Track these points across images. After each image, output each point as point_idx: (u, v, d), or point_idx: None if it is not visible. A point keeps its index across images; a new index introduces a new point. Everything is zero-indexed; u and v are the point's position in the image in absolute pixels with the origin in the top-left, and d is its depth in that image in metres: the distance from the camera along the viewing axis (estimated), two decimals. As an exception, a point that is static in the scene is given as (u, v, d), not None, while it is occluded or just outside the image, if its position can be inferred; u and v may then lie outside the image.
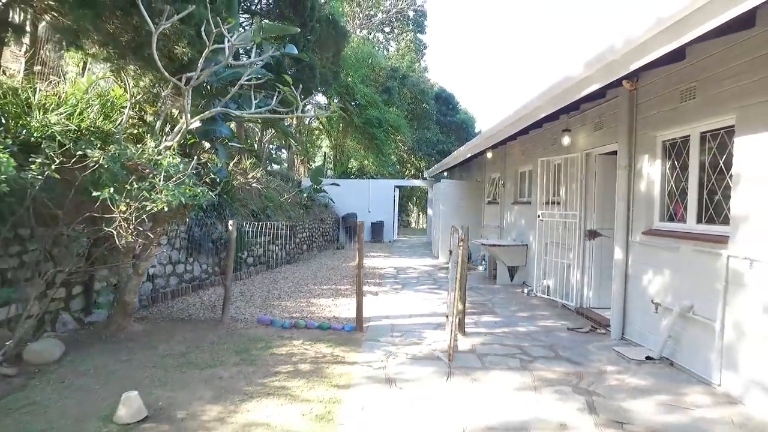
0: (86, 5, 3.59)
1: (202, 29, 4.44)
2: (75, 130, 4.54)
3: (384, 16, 23.00)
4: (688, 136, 4.28)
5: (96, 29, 3.82)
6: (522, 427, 3.00)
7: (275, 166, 18.50)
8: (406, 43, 24.25)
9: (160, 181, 4.13)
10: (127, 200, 3.84)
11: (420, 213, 34.43)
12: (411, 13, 23.61)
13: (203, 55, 4.48)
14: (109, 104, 5.54)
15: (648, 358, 4.34)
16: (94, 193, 3.73)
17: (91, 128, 4.93)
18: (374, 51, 20.37)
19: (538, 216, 7.05)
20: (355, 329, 5.22)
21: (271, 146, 19.93)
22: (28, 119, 4.68)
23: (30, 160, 3.68)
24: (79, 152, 3.93)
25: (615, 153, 5.41)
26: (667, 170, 4.65)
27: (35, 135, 4.21)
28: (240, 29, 7.43)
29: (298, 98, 4.72)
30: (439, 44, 51.68)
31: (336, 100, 18.36)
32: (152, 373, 3.83)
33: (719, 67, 3.73)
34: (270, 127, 11.57)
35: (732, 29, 3.12)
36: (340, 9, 18.24)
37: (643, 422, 3.08)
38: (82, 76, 7.77)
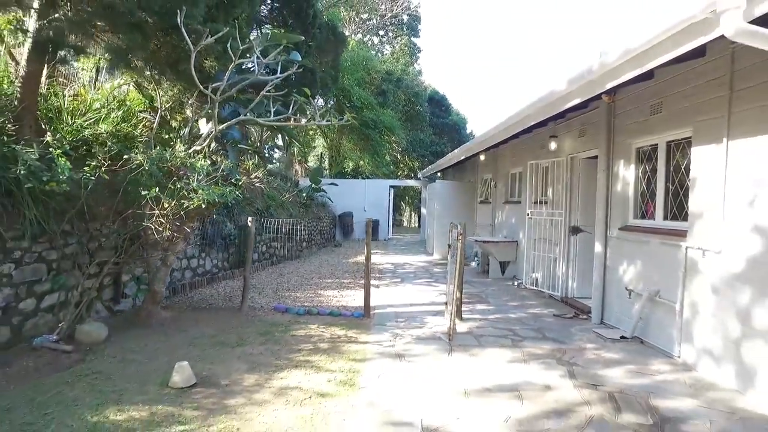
0: (137, 29, 4.11)
1: (228, 45, 4.98)
2: (106, 133, 5.08)
3: (379, 20, 23.59)
4: (657, 144, 4.93)
5: (142, 48, 4.35)
6: (514, 388, 3.61)
7: (270, 166, 18.94)
8: (400, 46, 24.89)
9: (194, 181, 4.67)
10: (169, 198, 4.36)
11: (412, 212, 35.06)
12: (405, 17, 24.25)
13: (229, 68, 5.03)
14: (127, 110, 6.07)
15: (622, 337, 4.98)
16: (143, 192, 4.24)
17: (117, 132, 5.47)
18: (370, 55, 20.96)
19: (528, 214, 7.68)
20: (363, 315, 5.79)
21: (265, 147, 20.36)
22: (61, 124, 5.20)
23: (87, 162, 4.19)
24: (125, 155, 4.44)
25: (596, 157, 6.05)
26: (640, 174, 5.30)
27: (69, 138, 4.73)
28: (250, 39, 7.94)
29: (315, 108, 5.28)
30: (431, 46, 52.43)
31: (332, 102, 18.91)
32: (190, 351, 4.37)
33: (680, 87, 4.37)
34: (278, 131, 12.07)
35: (688, 57, 3.74)
36: (339, 14, 18.76)
37: (613, 384, 3.70)
38: (95, 81, 8.26)
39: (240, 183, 5.69)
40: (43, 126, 5.35)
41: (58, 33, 3.81)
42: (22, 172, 3.97)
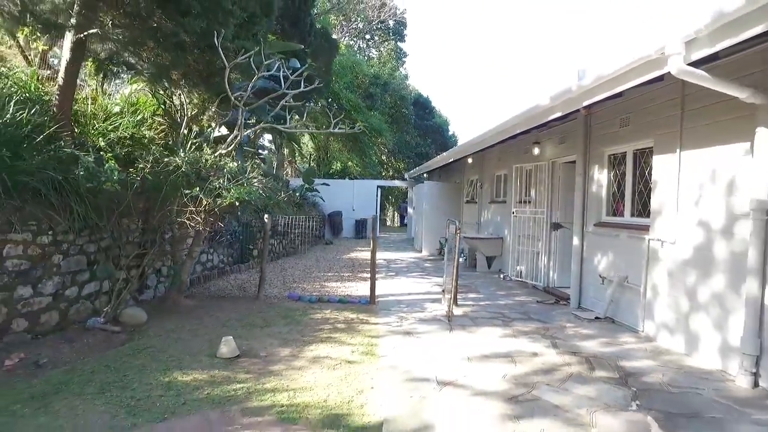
0: (180, 47, 4.69)
1: (251, 60, 5.59)
2: (129, 137, 5.65)
3: (367, 25, 24.26)
4: (626, 152, 5.75)
5: (183, 64, 4.92)
6: (507, 355, 4.34)
7: (264, 166, 19.43)
8: (387, 51, 25.64)
9: (224, 181, 5.27)
10: (206, 196, 4.95)
11: (395, 212, 35.80)
12: (392, 23, 25.00)
13: (253, 80, 5.65)
14: (142, 117, 6.62)
15: (596, 318, 5.79)
16: (185, 191, 4.82)
17: (137, 135, 6.04)
18: (359, 59, 21.60)
19: (513, 213, 8.48)
20: (369, 302, 6.46)
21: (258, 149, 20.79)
22: (87, 127, 5.74)
23: (135, 165, 4.75)
24: (166, 158, 5.01)
25: (574, 162, 6.86)
26: (612, 177, 6.12)
27: (101, 142, 5.29)
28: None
29: (331, 117, 5.93)
30: (416, 49, 53.38)
31: (320, 104, 19.47)
32: (224, 331, 4.96)
33: (644, 105, 5.19)
34: (279, 134, 12.63)
35: (649, 82, 4.53)
36: (330, 20, 19.34)
37: (588, 352, 4.47)
38: (102, 85, 8.71)
39: (257, 183, 6.29)
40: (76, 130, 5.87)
41: (113, 52, 4.36)
42: (81, 173, 4.51)
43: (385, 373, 3.86)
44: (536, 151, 7.97)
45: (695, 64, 3.43)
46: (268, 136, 16.46)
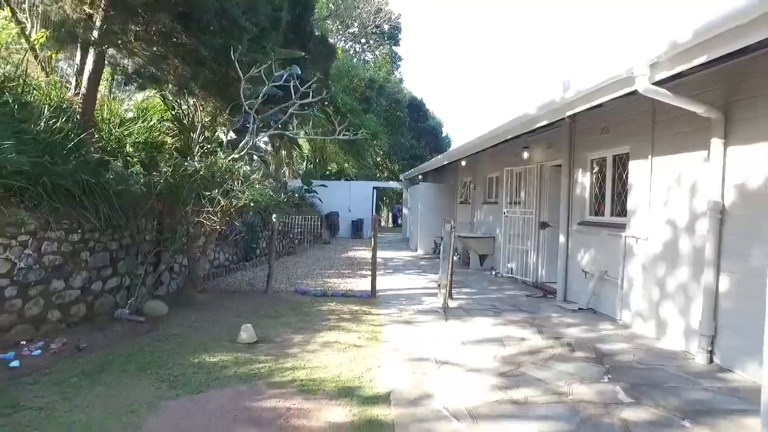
0: (199, 62, 5.15)
1: (261, 71, 6.06)
2: (143, 142, 6.10)
3: (362, 29, 24.75)
4: (606, 157, 6.29)
5: (202, 77, 5.38)
6: (498, 340, 4.85)
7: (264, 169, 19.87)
8: (382, 56, 26.17)
9: (238, 183, 5.73)
10: (223, 198, 5.41)
11: (389, 212, 36.32)
12: (387, 27, 25.52)
13: (264, 89, 6.12)
14: (153, 124, 7.09)
15: (579, 309, 6.32)
16: (206, 192, 5.27)
17: (150, 140, 6.49)
18: (355, 64, 22.09)
19: (504, 213, 9.00)
20: (370, 296, 6.95)
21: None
22: (102, 132, 6.18)
23: (158, 169, 5.20)
24: (185, 163, 5.47)
25: (560, 166, 7.40)
26: (594, 180, 6.66)
27: (128, 147, 5.75)
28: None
29: (336, 123, 6.41)
30: (410, 52, 53.93)
31: (320, 110, 19.93)
32: (240, 321, 5.40)
33: (621, 115, 5.73)
34: (280, 138, 13.09)
35: (624, 96, 5.06)
36: (327, 26, 19.81)
37: (570, 337, 4.99)
38: (110, 91, 9.14)
39: (267, 185, 6.76)
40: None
41: (140, 66, 4.81)
42: (111, 177, 4.96)
43: (389, 354, 4.35)
44: (526, 155, 8.50)
45: (660, 83, 3.96)
46: (264, 138, 16.88)
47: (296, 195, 15.80)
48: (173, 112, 7.94)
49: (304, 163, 24.35)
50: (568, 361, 4.21)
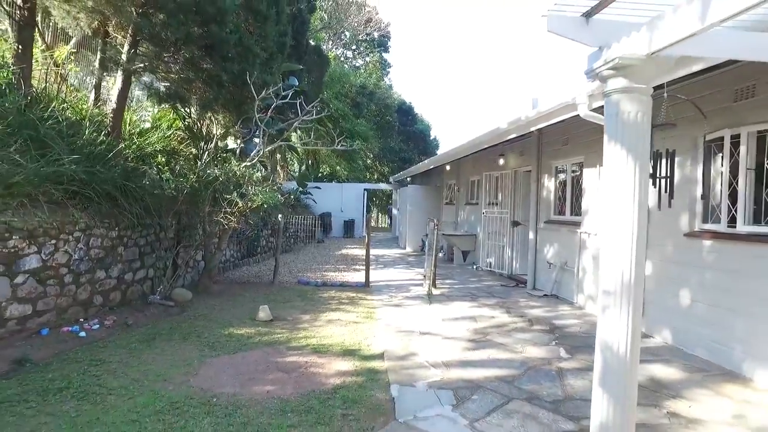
0: (222, 86, 6.09)
1: (271, 93, 7.00)
2: (164, 150, 7.00)
3: (354, 38, 25.73)
4: (566, 165, 7.35)
5: (223, 97, 6.30)
6: (471, 317, 5.86)
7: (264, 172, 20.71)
8: (373, 63, 27.19)
9: (251, 188, 6.67)
10: (241, 200, 6.34)
11: (379, 213, 37.31)
12: (376, 35, 26.54)
13: (273, 105, 7.06)
14: (167, 135, 7.98)
15: (544, 295, 7.37)
16: (226, 195, 6.20)
17: (166, 148, 7.39)
18: (347, 71, 23.05)
19: (483, 213, 10.04)
20: (364, 285, 7.92)
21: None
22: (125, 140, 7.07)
23: (186, 175, 6.11)
24: (208, 170, 6.38)
25: (530, 171, 8.45)
26: (557, 184, 7.72)
27: (159, 157, 6.64)
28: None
29: (329, 128, 7.36)
30: (399, 56, 55.07)
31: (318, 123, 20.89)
32: (255, 305, 6.33)
33: (577, 129, 6.78)
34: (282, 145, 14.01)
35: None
36: (321, 36, 20.74)
37: (532, 316, 6.02)
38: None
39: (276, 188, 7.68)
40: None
41: (172, 89, 5.74)
42: (146, 183, 5.87)
43: (382, 328, 5.33)
44: (501, 161, 9.55)
45: (597, 109, 4.99)
46: (269, 148, 17.79)
47: (292, 196, 16.70)
48: (185, 123, 8.82)
49: (296, 165, 25.23)
50: (526, 332, 5.23)
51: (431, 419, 3.07)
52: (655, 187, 4.95)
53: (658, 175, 4.85)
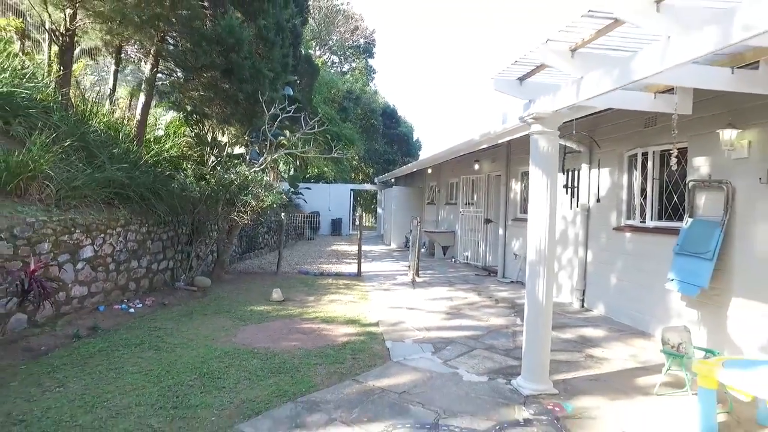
0: (236, 103, 7.17)
1: (276, 106, 8.11)
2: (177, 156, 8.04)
3: (341, 46, 26.84)
4: (528, 170, 8.61)
5: (239, 114, 7.38)
6: (449, 298, 7.09)
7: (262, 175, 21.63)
8: (359, 69, 28.37)
9: (261, 189, 7.76)
10: (253, 200, 7.43)
11: (364, 212, 38.48)
12: (362, 41, 27.70)
13: (278, 119, 8.16)
14: (178, 143, 9.01)
15: (511, 281, 8.65)
16: (242, 197, 7.28)
17: (180, 154, 8.42)
18: (334, 77, 24.14)
19: (461, 212, 11.30)
20: (357, 275, 9.08)
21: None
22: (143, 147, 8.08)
23: (206, 179, 7.17)
24: (226, 175, 7.44)
25: (500, 176, 9.73)
26: (522, 187, 9.01)
27: (185, 165, 7.68)
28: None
29: (333, 147, 8.51)
30: (383, 59, 56.25)
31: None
32: (266, 289, 7.42)
33: (537, 141, 8.06)
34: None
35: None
36: (311, 44, 21.77)
37: (499, 297, 7.28)
38: (129, 106, 10.93)
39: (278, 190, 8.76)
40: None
41: (196, 106, 6.81)
42: (175, 186, 6.91)
43: (375, 305, 6.51)
44: (477, 166, 10.83)
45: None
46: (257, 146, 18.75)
47: (285, 197, 17.71)
48: (194, 131, 9.84)
49: (282, 166, 26.18)
50: (492, 308, 6.48)
51: (416, 359, 4.28)
52: (567, 194, 6.38)
53: (568, 185, 6.28)
